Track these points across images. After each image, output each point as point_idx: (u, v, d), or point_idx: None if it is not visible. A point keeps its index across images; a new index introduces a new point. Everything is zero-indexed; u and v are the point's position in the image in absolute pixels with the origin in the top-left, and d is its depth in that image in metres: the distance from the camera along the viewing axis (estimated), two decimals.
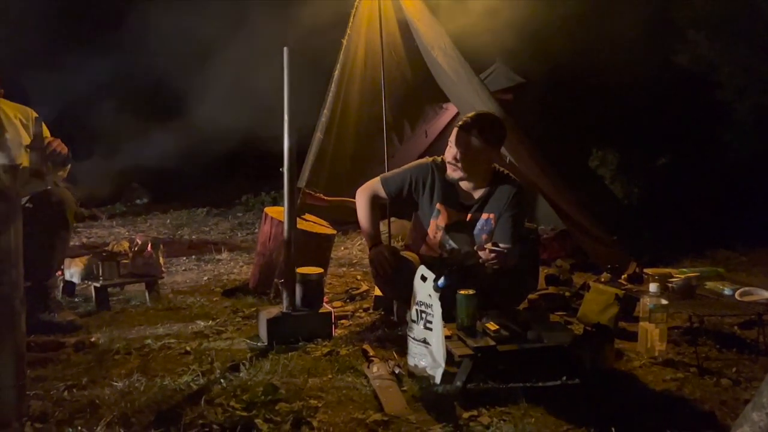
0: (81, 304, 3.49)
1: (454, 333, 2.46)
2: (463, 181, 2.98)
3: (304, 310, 2.96)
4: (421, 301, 2.45)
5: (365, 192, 3.11)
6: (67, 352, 2.72)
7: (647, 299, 2.71)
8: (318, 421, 2.08)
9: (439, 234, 3.05)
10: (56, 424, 2.05)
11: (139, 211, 7.37)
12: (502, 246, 2.74)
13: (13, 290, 2.04)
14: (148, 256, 3.52)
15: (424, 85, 5.26)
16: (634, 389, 2.43)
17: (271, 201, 7.62)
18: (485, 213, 3.00)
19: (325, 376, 2.47)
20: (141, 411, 2.12)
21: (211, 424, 2.02)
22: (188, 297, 3.66)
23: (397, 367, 2.50)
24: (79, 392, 2.28)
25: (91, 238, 5.71)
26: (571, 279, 3.97)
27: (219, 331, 3.05)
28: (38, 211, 2.91)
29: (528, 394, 2.26)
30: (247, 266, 4.51)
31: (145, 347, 2.78)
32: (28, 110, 3.17)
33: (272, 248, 3.70)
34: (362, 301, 3.65)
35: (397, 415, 2.12)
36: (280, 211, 3.83)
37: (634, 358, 2.69)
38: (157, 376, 2.43)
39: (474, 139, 2.88)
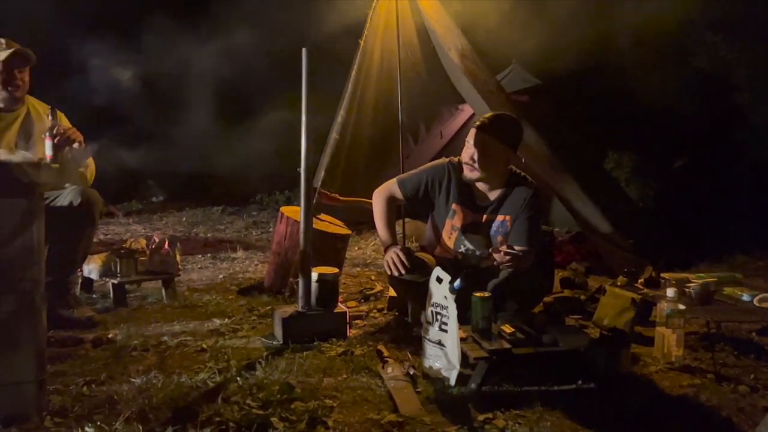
0: (99, 301, 3.54)
1: (469, 335, 2.46)
2: (480, 182, 2.98)
3: (319, 310, 2.97)
4: (437, 303, 2.45)
5: (382, 193, 3.11)
6: (85, 347, 2.76)
7: (664, 304, 2.69)
8: (333, 420, 2.09)
9: (454, 235, 3.05)
10: (75, 419, 2.07)
11: (155, 208, 7.44)
12: (517, 248, 2.74)
13: (35, 286, 2.08)
14: (165, 253, 3.56)
15: (440, 86, 5.26)
16: (650, 395, 2.42)
17: (285, 200, 7.66)
18: (501, 215, 2.99)
19: (340, 375, 2.48)
20: (158, 407, 2.14)
21: (227, 421, 2.04)
22: (204, 295, 3.69)
23: (412, 368, 2.50)
24: (97, 388, 2.31)
25: (108, 235, 5.78)
26: (586, 282, 3.95)
27: (235, 329, 3.07)
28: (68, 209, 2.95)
29: (543, 398, 2.26)
30: (262, 265, 4.54)
31: (162, 344, 2.81)
32: (46, 106, 3.23)
33: (287, 247, 3.72)
34: (376, 301, 3.66)
35: (412, 416, 2.13)
36: (295, 210, 3.85)
37: (650, 363, 2.68)
38: (174, 373, 2.45)
39: (491, 139, 2.87)
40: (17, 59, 3.09)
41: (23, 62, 3.12)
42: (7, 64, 3.06)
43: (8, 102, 3.12)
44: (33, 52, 3.15)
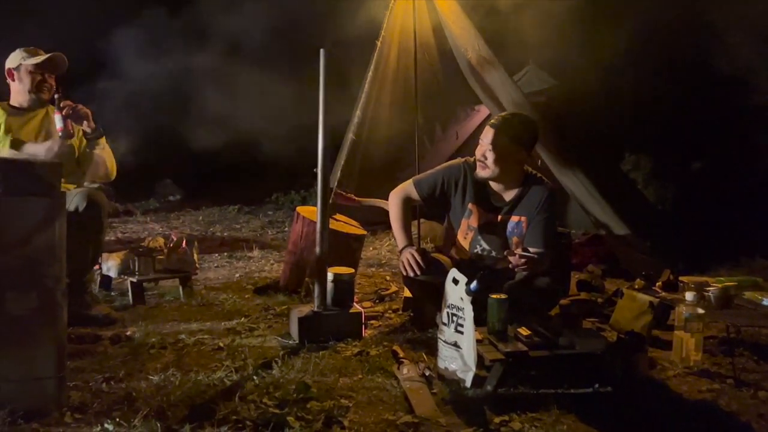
0: (117, 298, 3.58)
1: (485, 337, 2.45)
2: (494, 182, 2.98)
3: (334, 310, 2.98)
4: (453, 304, 2.45)
5: (398, 194, 3.12)
6: (104, 344, 2.79)
7: (683, 308, 2.66)
8: (349, 420, 2.10)
9: (470, 235, 3.04)
10: (94, 415, 2.10)
11: (172, 207, 7.50)
12: (533, 251, 2.73)
13: (56, 284, 2.11)
14: (182, 252, 3.59)
15: (456, 86, 5.25)
16: (668, 399, 2.39)
17: (301, 200, 7.69)
18: (516, 215, 2.98)
19: (356, 376, 2.49)
20: (176, 405, 2.16)
21: (244, 420, 2.05)
22: (221, 293, 3.71)
23: (427, 370, 2.50)
24: (116, 384, 2.34)
25: (126, 234, 5.84)
26: (602, 285, 3.92)
27: (251, 328, 3.09)
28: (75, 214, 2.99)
29: (559, 401, 2.24)
30: (277, 264, 4.56)
31: (179, 342, 2.84)
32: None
33: (303, 247, 3.73)
34: (391, 302, 3.67)
35: (428, 417, 2.13)
36: (311, 210, 3.87)
37: (669, 367, 2.65)
38: (191, 371, 2.47)
39: (504, 139, 2.87)
40: (50, 65, 3.22)
41: (54, 69, 3.25)
42: (40, 69, 3.19)
43: (34, 103, 3.26)
44: (66, 61, 3.24)
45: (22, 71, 3.20)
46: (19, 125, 3.19)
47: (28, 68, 3.19)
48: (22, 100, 3.25)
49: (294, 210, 3.98)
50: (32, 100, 3.23)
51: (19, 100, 3.27)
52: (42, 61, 3.18)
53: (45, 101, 3.24)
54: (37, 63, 3.18)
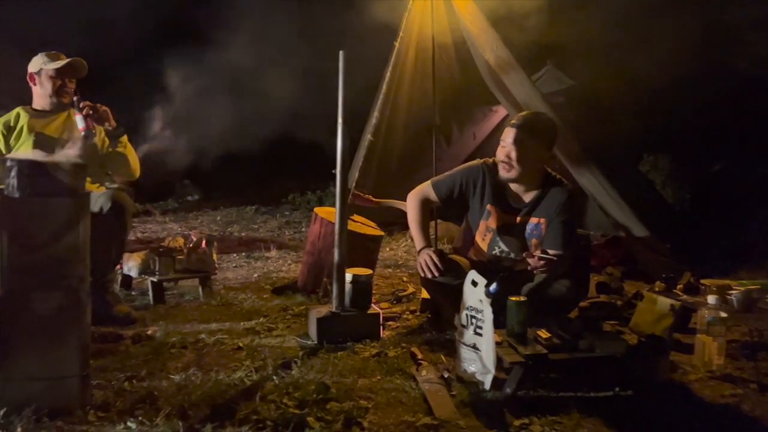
0: (138, 298, 3.61)
1: (504, 339, 2.45)
2: (514, 183, 2.97)
3: (352, 311, 2.99)
4: (472, 306, 2.45)
5: (416, 195, 3.12)
6: (125, 344, 2.83)
7: (706, 311, 2.63)
8: (368, 422, 2.11)
9: (488, 236, 3.03)
10: (117, 413, 2.12)
11: (191, 207, 7.56)
12: (552, 253, 2.72)
13: (80, 283, 2.14)
14: (202, 252, 3.62)
15: (474, 87, 5.24)
16: (690, 403, 2.37)
17: (317, 201, 7.71)
18: (535, 217, 2.97)
19: (374, 377, 2.49)
20: (197, 404, 2.19)
21: (264, 420, 2.07)
22: (239, 293, 3.74)
23: (446, 371, 2.50)
24: (138, 383, 2.37)
25: (146, 233, 5.90)
26: (622, 287, 3.89)
27: (270, 328, 3.11)
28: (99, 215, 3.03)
29: (580, 404, 2.23)
30: (295, 264, 4.58)
31: (199, 342, 2.86)
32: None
33: (321, 248, 3.75)
34: (409, 303, 3.67)
35: (447, 419, 2.13)
36: (329, 211, 3.88)
37: (690, 371, 2.62)
38: (212, 370, 2.50)
39: (528, 138, 2.87)
40: (70, 70, 3.28)
41: (74, 74, 3.31)
42: (60, 73, 3.25)
43: (55, 107, 3.32)
44: (86, 66, 3.30)
45: (43, 76, 3.27)
46: (41, 127, 3.25)
47: (48, 73, 3.25)
48: (44, 103, 3.32)
49: (310, 210, 3.99)
50: (53, 104, 3.30)
51: (41, 103, 3.33)
52: (62, 66, 3.24)
53: (65, 105, 3.30)
54: (57, 68, 3.24)
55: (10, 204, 2.06)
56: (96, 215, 3.08)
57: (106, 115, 3.19)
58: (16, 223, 2.05)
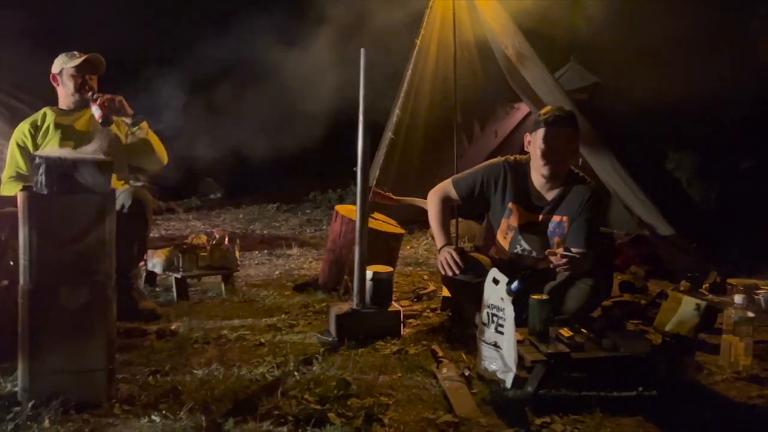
0: (161, 294, 3.66)
1: (525, 338, 2.43)
2: (539, 181, 2.95)
3: (373, 308, 3.00)
4: (493, 304, 2.44)
5: (436, 193, 3.12)
6: (150, 339, 2.86)
7: (732, 311, 2.59)
8: (389, 418, 2.11)
9: (510, 234, 3.02)
10: (142, 407, 2.16)
11: (213, 205, 7.63)
12: (575, 251, 2.69)
13: (106, 279, 2.18)
14: (225, 249, 3.66)
15: (496, 84, 5.21)
16: (716, 405, 2.33)
17: (338, 198, 7.73)
18: (558, 215, 2.95)
19: (395, 374, 2.50)
20: (220, 399, 2.21)
21: (286, 415, 2.09)
22: (261, 290, 3.77)
23: (467, 369, 2.49)
24: (162, 378, 2.40)
25: (169, 231, 5.97)
26: (646, 286, 3.83)
27: (291, 324, 3.13)
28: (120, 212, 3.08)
29: (602, 404, 2.21)
30: (316, 262, 4.60)
31: (222, 337, 2.89)
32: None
33: (342, 245, 3.76)
34: (429, 301, 3.66)
35: (468, 417, 2.12)
36: (350, 209, 3.89)
37: (716, 372, 2.58)
38: (234, 365, 2.52)
39: (570, 130, 2.89)
40: (89, 66, 3.34)
41: (93, 70, 3.37)
42: (79, 70, 3.31)
43: (78, 104, 3.38)
44: (103, 61, 3.36)
45: (64, 75, 3.34)
46: (67, 125, 3.33)
47: (69, 72, 3.32)
48: (69, 102, 3.38)
49: (331, 209, 4.01)
50: (76, 101, 3.36)
51: (65, 102, 3.40)
52: (79, 63, 3.30)
53: (88, 102, 3.36)
54: (75, 65, 3.30)
55: (39, 200, 2.10)
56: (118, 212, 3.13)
57: (121, 104, 3.26)
58: (44, 220, 2.09)
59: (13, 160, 3.33)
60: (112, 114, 3.23)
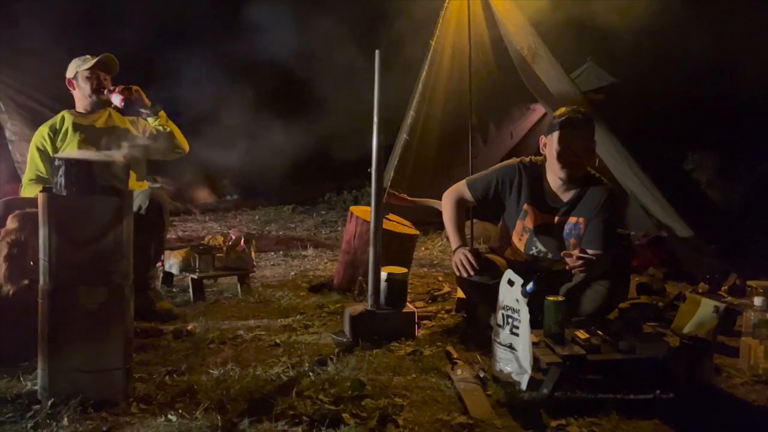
0: (178, 294, 3.70)
1: (541, 340, 2.42)
2: (555, 182, 2.93)
3: (388, 309, 3.00)
4: (508, 306, 2.42)
5: (451, 195, 3.11)
6: (166, 339, 2.89)
7: (751, 313, 2.55)
8: (403, 419, 2.11)
9: (525, 236, 3.00)
10: (159, 406, 2.17)
11: (229, 207, 7.69)
12: (591, 252, 2.67)
13: (124, 279, 2.20)
14: (241, 250, 3.68)
15: (511, 85, 5.19)
16: (735, 408, 2.30)
17: (353, 200, 7.75)
18: (574, 216, 2.92)
19: (409, 375, 2.49)
20: (235, 399, 2.22)
21: (300, 415, 2.09)
22: (277, 291, 3.79)
23: (482, 371, 2.48)
24: (178, 377, 2.42)
25: (186, 232, 6.03)
26: (664, 288, 3.79)
27: (306, 325, 3.14)
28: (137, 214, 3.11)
29: (619, 407, 2.19)
30: (331, 263, 4.62)
31: (237, 338, 2.91)
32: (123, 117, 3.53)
33: (357, 246, 3.77)
34: (444, 302, 3.66)
35: (483, 419, 2.12)
36: (365, 210, 3.90)
37: (735, 375, 2.54)
38: (249, 366, 2.54)
39: (588, 131, 2.87)
40: (103, 66, 3.40)
41: (107, 70, 3.43)
42: (94, 71, 3.37)
43: (96, 105, 3.44)
44: (117, 61, 3.41)
45: (79, 78, 3.40)
46: (85, 127, 3.38)
47: (84, 74, 3.38)
48: (86, 104, 3.43)
49: (346, 210, 4.02)
50: (93, 102, 3.42)
51: (82, 105, 3.45)
52: (94, 63, 3.36)
53: (105, 103, 3.43)
54: (90, 67, 3.36)
55: (58, 202, 2.13)
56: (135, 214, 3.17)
57: (138, 94, 3.31)
58: (63, 220, 2.12)
59: (33, 163, 3.39)
60: (131, 102, 3.29)
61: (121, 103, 3.29)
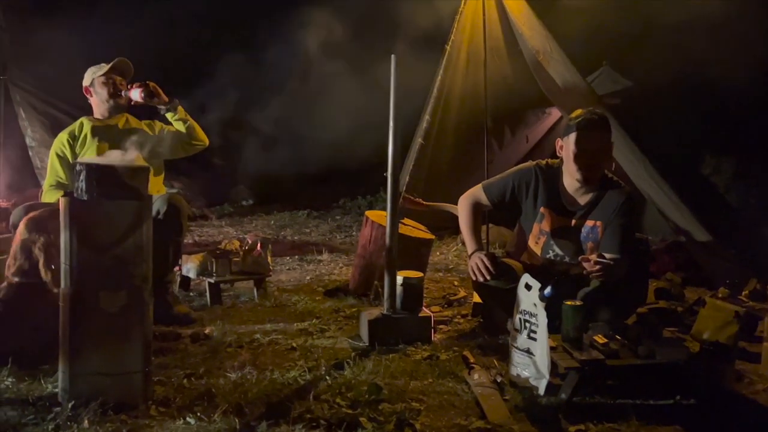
0: (195, 299, 3.72)
1: (559, 344, 2.40)
2: (572, 185, 2.91)
3: (404, 313, 2.99)
4: (525, 310, 2.42)
5: (467, 199, 3.10)
6: (184, 342, 2.91)
7: None
8: (421, 424, 2.11)
9: (542, 240, 2.99)
10: (177, 409, 2.19)
11: (245, 212, 7.73)
12: (609, 257, 2.65)
13: (143, 282, 2.22)
14: (257, 255, 3.70)
15: (527, 89, 5.17)
16: (757, 414, 2.28)
17: (367, 205, 7.76)
18: (591, 220, 2.90)
19: (426, 379, 2.49)
20: (253, 402, 2.24)
21: (318, 418, 2.10)
22: (293, 295, 3.80)
23: (499, 376, 2.47)
24: (196, 381, 2.43)
25: (203, 237, 6.07)
26: (682, 294, 3.75)
27: (322, 329, 3.15)
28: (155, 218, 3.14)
29: (638, 412, 2.17)
30: (346, 267, 4.62)
31: (254, 341, 2.93)
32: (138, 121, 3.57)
33: (372, 251, 3.77)
34: (460, 307, 3.64)
35: (500, 423, 2.11)
36: (380, 214, 3.90)
37: (757, 381, 2.51)
38: (266, 369, 2.55)
39: (607, 134, 2.85)
40: (117, 71, 3.46)
41: (122, 73, 3.48)
42: (110, 76, 3.42)
43: (113, 109, 3.48)
44: (131, 65, 3.46)
45: (96, 85, 3.44)
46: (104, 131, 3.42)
47: (100, 80, 3.43)
48: (103, 110, 3.48)
49: (360, 215, 4.02)
50: (111, 107, 3.46)
51: (99, 111, 3.50)
52: (109, 68, 3.42)
53: (122, 107, 3.48)
54: (105, 72, 3.41)
55: (79, 206, 2.16)
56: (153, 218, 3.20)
57: (155, 90, 3.35)
58: (84, 225, 2.15)
59: (53, 169, 3.43)
60: (149, 98, 3.34)
61: (141, 95, 3.33)
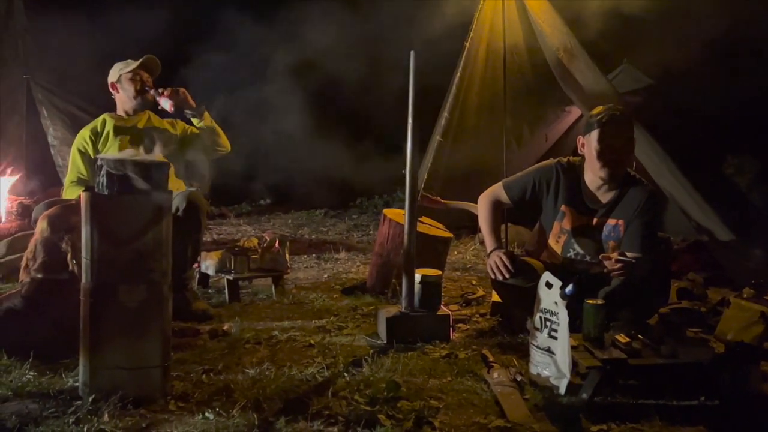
0: (214, 295, 3.74)
1: (580, 343, 2.37)
2: (595, 183, 2.88)
3: (422, 311, 2.98)
4: (546, 309, 2.39)
5: (487, 197, 3.08)
6: (203, 338, 2.92)
7: None
8: (440, 422, 2.09)
9: (563, 238, 2.95)
10: (196, 404, 2.20)
11: (263, 210, 7.77)
12: (630, 255, 2.61)
13: (163, 278, 2.23)
14: (275, 252, 3.71)
15: (546, 87, 5.13)
16: None
17: (384, 204, 7.76)
18: (613, 218, 2.87)
19: (445, 378, 2.47)
20: (271, 398, 2.24)
21: (336, 415, 2.09)
22: (310, 293, 3.80)
23: (519, 375, 2.44)
24: (215, 376, 2.44)
25: (221, 235, 6.10)
26: (705, 294, 3.69)
27: (340, 327, 3.14)
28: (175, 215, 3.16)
29: (662, 412, 2.13)
30: (363, 266, 4.62)
31: (272, 338, 2.93)
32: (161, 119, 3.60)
33: (389, 249, 3.76)
34: (478, 306, 3.62)
35: (520, 422, 2.08)
36: (397, 213, 3.89)
37: None
38: (285, 366, 2.55)
39: (626, 128, 2.82)
40: (145, 69, 3.48)
41: (150, 71, 3.51)
42: (137, 73, 3.43)
43: (139, 106, 3.51)
44: (159, 62, 3.48)
45: (123, 81, 3.47)
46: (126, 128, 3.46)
47: (127, 76, 3.46)
48: (128, 107, 3.50)
49: (377, 214, 4.02)
50: (137, 104, 3.49)
51: (125, 108, 3.52)
52: (138, 64, 3.44)
53: (147, 104, 3.50)
54: (133, 68, 3.43)
55: (100, 201, 2.17)
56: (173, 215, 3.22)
57: (185, 96, 3.38)
58: (104, 219, 2.16)
59: (74, 166, 3.47)
60: (178, 104, 3.36)
61: (171, 108, 3.35)
